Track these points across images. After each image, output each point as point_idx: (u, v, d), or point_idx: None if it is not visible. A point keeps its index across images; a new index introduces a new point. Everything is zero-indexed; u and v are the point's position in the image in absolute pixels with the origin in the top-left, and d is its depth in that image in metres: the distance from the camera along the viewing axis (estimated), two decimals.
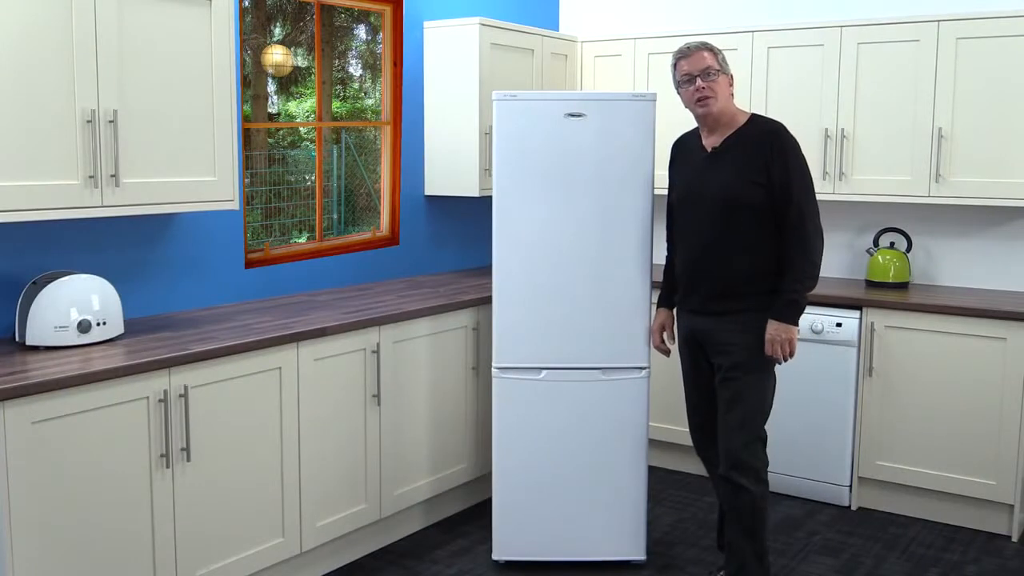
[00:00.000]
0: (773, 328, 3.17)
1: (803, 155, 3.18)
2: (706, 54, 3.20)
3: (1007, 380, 3.93)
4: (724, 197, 3.18)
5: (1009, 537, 4.03)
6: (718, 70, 3.19)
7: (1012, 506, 4.01)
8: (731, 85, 3.26)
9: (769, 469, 4.43)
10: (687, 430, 4.65)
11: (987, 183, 4.13)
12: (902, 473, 4.20)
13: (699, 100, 3.20)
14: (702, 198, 3.25)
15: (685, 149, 3.41)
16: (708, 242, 3.24)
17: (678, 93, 3.29)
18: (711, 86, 3.17)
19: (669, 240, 3.52)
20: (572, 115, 3.52)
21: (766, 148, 3.14)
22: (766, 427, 3.28)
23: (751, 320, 3.21)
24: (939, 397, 4.09)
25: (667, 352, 3.57)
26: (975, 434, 4.02)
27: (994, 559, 3.83)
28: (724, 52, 3.32)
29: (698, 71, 3.18)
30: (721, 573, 3.51)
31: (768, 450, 4.43)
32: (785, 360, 3.21)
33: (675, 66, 3.26)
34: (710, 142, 3.28)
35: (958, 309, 4.02)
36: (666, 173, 3.49)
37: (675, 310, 3.51)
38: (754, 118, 3.25)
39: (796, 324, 3.19)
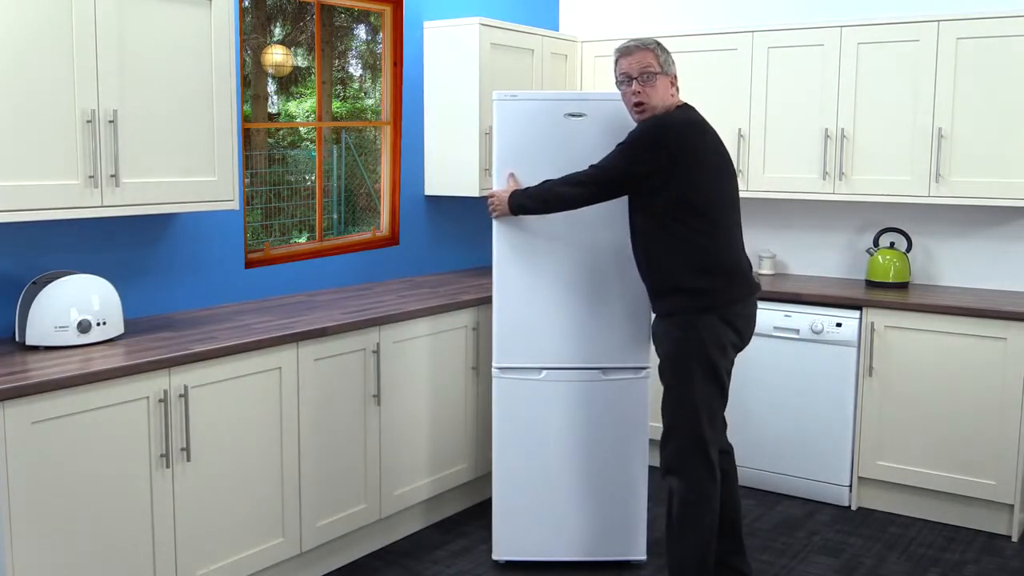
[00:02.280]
0: (503, 191, 3.44)
1: (647, 140, 3.07)
2: (647, 53, 3.12)
3: (1007, 380, 3.93)
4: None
5: (1009, 537, 4.03)
6: (657, 72, 3.11)
7: (1012, 506, 4.01)
8: (673, 84, 3.17)
9: (768, 470, 4.48)
10: None
11: (987, 183, 4.13)
12: (902, 473, 4.20)
13: (636, 105, 3.14)
14: None
15: None
16: (632, 243, 3.28)
17: (618, 88, 3.25)
18: (647, 90, 3.11)
19: None
20: (572, 115, 3.51)
21: None
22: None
23: (663, 325, 3.18)
24: (939, 397, 4.09)
25: None
26: (975, 434, 4.02)
27: (994, 559, 3.83)
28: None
29: (636, 72, 3.12)
30: None
31: (768, 450, 4.47)
32: (488, 210, 3.52)
33: (616, 63, 3.19)
34: None
35: (958, 309, 4.02)
36: None
37: None
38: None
39: (511, 206, 3.40)
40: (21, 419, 2.61)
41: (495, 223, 3.57)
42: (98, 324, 3.09)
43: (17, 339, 3.07)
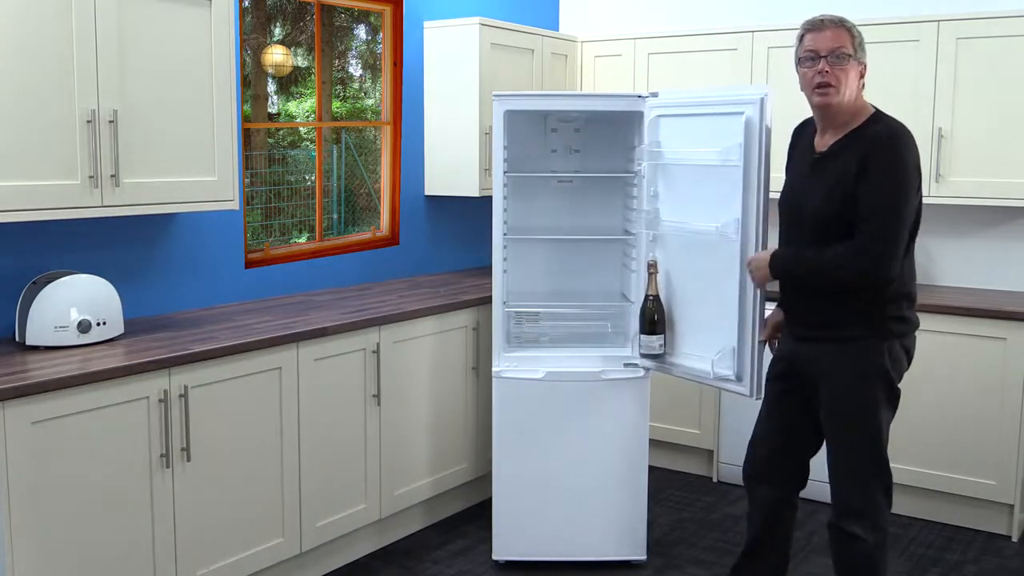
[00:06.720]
0: (761, 255, 2.88)
1: (902, 169, 2.65)
2: (842, 32, 2.70)
3: (1007, 380, 3.93)
4: (818, 215, 2.73)
5: (1009, 537, 4.03)
6: (850, 55, 2.69)
7: (1012, 506, 4.01)
8: (862, 76, 2.75)
9: None
10: (687, 430, 4.67)
11: (987, 183, 4.13)
12: (902, 473, 4.20)
13: (819, 86, 2.70)
14: (800, 210, 2.81)
15: (801, 143, 2.94)
16: None
17: (797, 70, 2.83)
18: (836, 72, 2.68)
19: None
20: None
21: (862, 157, 2.66)
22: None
23: (856, 347, 2.76)
24: (939, 397, 4.09)
25: (772, 351, 3.12)
26: (975, 434, 4.02)
27: (994, 559, 3.83)
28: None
29: (826, 51, 2.69)
30: None
31: None
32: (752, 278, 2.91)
33: (800, 39, 2.79)
34: (821, 142, 2.82)
35: (958, 309, 4.02)
36: None
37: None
38: (873, 118, 2.76)
39: (772, 271, 2.82)
40: (21, 419, 2.61)
41: (494, 222, 3.56)
42: (98, 324, 3.09)
43: (17, 339, 3.07)
